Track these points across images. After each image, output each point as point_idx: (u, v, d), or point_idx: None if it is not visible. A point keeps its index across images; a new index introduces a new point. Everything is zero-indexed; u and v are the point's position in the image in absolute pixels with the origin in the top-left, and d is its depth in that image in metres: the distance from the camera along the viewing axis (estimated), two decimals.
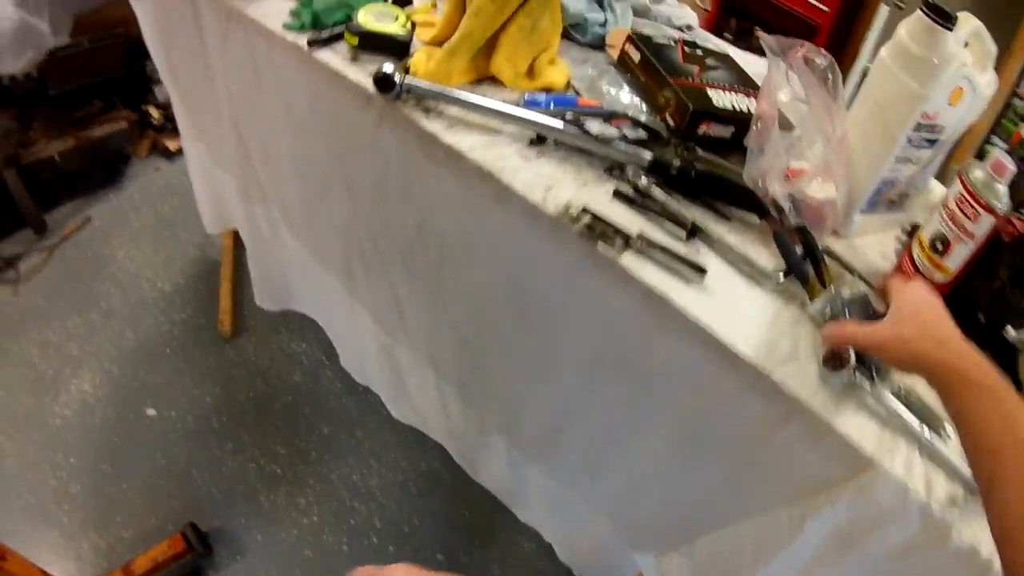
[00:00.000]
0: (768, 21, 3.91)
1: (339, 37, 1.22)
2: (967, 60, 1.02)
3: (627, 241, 0.97)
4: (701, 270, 0.95)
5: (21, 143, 2.26)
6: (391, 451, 1.88)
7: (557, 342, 1.14)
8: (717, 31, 4.16)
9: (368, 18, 1.22)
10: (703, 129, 1.12)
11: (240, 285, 2.18)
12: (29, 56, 2.09)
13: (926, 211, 1.08)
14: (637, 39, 1.22)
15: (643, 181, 1.05)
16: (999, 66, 1.15)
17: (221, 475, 1.81)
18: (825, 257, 1.01)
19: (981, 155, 3.72)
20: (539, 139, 1.10)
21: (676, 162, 1.05)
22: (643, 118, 1.14)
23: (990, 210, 0.96)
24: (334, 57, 1.21)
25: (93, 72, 2.38)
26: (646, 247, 0.96)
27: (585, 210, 1.00)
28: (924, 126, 1.05)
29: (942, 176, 1.26)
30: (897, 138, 1.06)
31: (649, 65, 1.18)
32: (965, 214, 0.99)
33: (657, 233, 1.01)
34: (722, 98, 1.15)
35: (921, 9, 1.00)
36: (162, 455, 1.83)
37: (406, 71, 1.13)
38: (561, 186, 1.04)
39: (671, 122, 1.13)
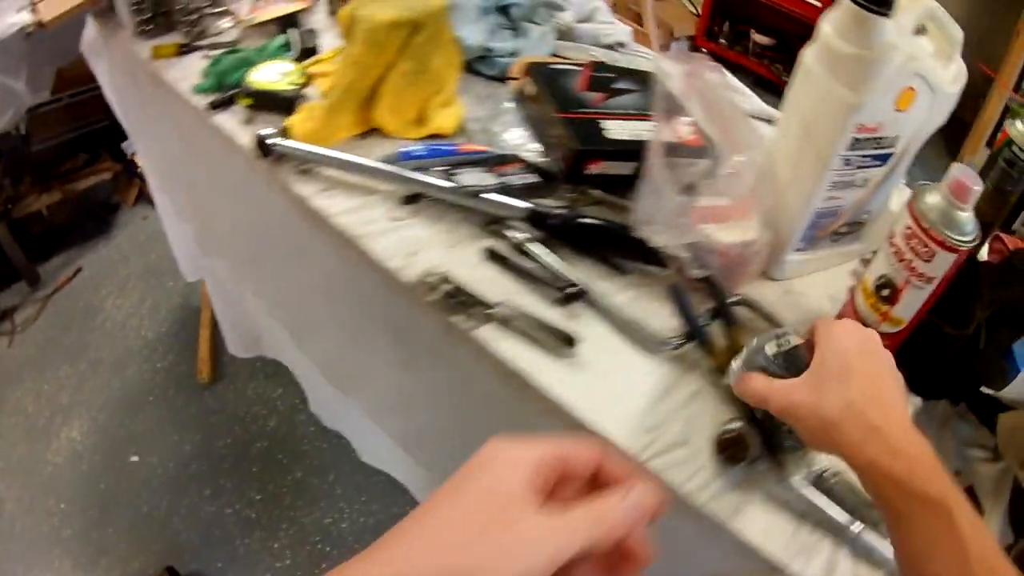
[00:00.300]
0: (763, 22, 3.75)
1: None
2: (919, 52, 0.84)
3: (488, 310, 0.90)
4: (569, 341, 0.86)
5: (11, 199, 2.30)
6: (362, 494, 1.89)
7: (448, 405, 1.08)
8: (710, 35, 4.06)
9: (259, 76, 1.17)
10: (593, 169, 1.00)
11: (219, 332, 2.19)
12: (8, 117, 2.12)
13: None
14: (533, 69, 1.11)
15: (520, 236, 0.97)
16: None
17: (199, 520, 1.86)
18: (753, 308, 0.91)
19: (991, 142, 3.49)
20: (413, 197, 1.03)
21: (556, 211, 0.97)
22: (536, 160, 1.06)
23: (949, 247, 0.78)
24: (230, 119, 1.17)
25: (76, 125, 2.41)
26: (510, 316, 0.89)
27: (444, 278, 0.93)
28: (864, 141, 0.88)
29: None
30: (829, 160, 0.89)
31: (542, 98, 1.07)
32: (916, 253, 0.80)
33: (529, 297, 0.93)
34: (621, 129, 1.02)
35: None
36: (145, 501, 1.90)
37: (284, 133, 1.08)
38: (429, 249, 0.97)
39: (560, 164, 1.03)
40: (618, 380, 0.84)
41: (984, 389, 0.86)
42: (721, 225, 0.89)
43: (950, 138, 3.86)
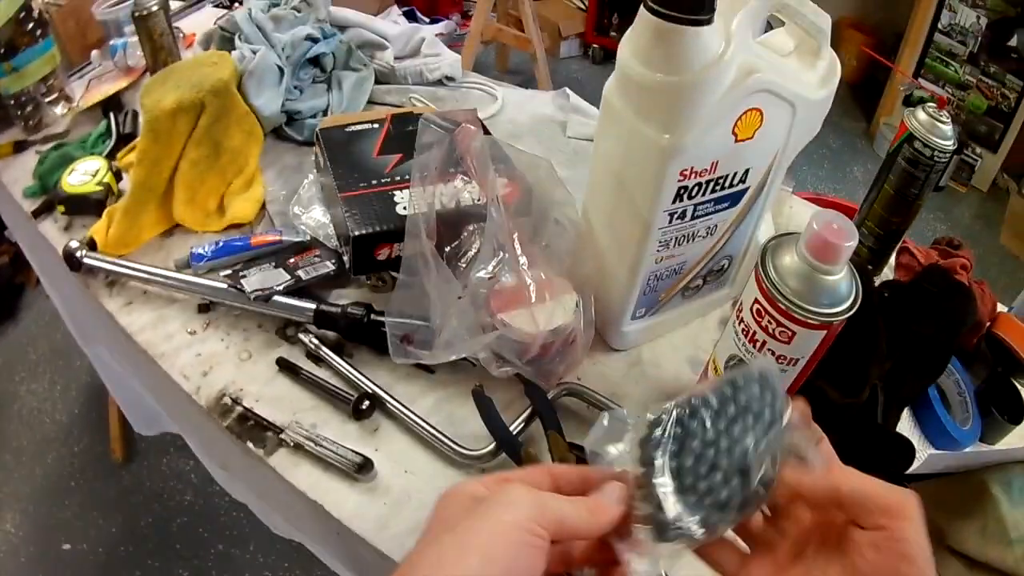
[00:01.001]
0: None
1: None
2: (760, 61, 0.67)
3: (280, 434, 0.83)
4: (364, 467, 0.78)
5: None
6: (284, 560, 1.86)
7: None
8: (600, 30, 3.96)
9: (72, 178, 1.09)
10: (384, 254, 0.90)
11: None
12: None
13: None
14: (323, 136, 1.00)
15: (311, 341, 0.90)
16: None
17: None
18: (581, 397, 0.81)
19: (910, 101, 3.36)
20: (207, 305, 0.96)
21: (346, 310, 0.89)
22: (333, 244, 0.98)
23: (814, 325, 0.62)
24: (52, 226, 1.10)
25: None
26: (301, 440, 0.81)
27: (235, 400, 0.86)
28: (694, 188, 0.72)
29: (871, 131, 0.95)
30: (650, 219, 0.73)
31: (328, 173, 0.96)
32: (770, 333, 0.64)
33: (325, 411, 0.86)
34: (417, 200, 0.87)
35: (645, 5, 0.63)
36: None
37: (90, 243, 1.00)
38: (222, 364, 0.90)
39: (346, 252, 0.93)
40: (423, 503, 0.77)
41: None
42: (522, 311, 0.77)
43: (863, 96, 3.75)
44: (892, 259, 1.08)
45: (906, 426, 0.89)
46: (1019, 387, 0.94)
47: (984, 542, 0.72)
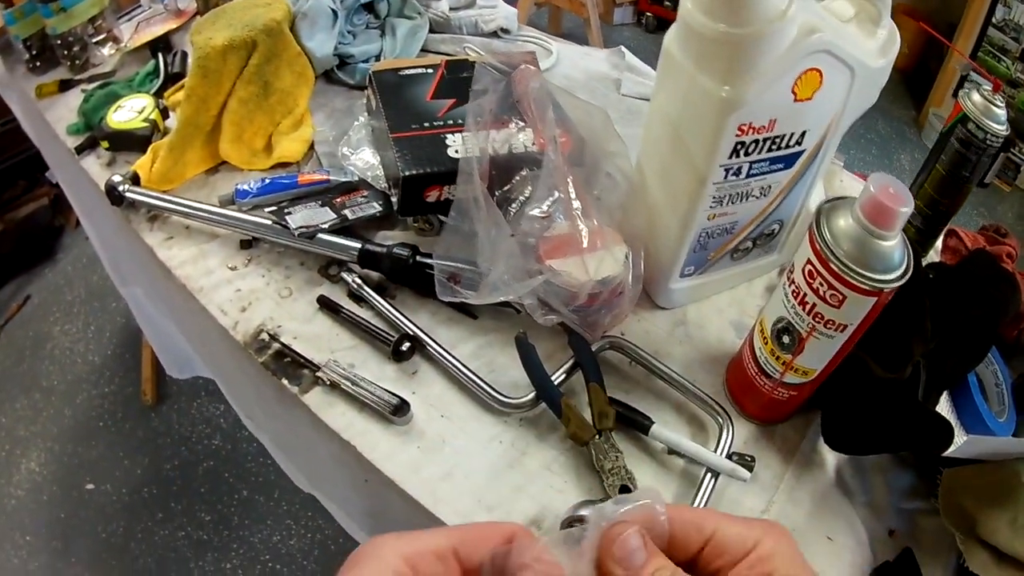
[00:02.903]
0: None
1: None
2: (822, 21, 0.66)
3: (316, 373, 0.82)
4: (400, 408, 0.77)
5: None
6: (308, 510, 1.87)
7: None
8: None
9: (117, 115, 1.09)
10: (433, 196, 0.89)
11: None
12: None
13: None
14: (376, 78, 0.99)
15: (353, 281, 0.89)
16: None
17: (154, 545, 1.84)
18: (625, 352, 0.79)
19: (959, 90, 3.27)
20: (249, 242, 0.95)
21: (391, 250, 0.88)
22: (381, 186, 0.97)
23: (866, 291, 0.61)
24: (95, 163, 1.10)
25: (9, 154, 2.35)
26: (338, 379, 0.81)
27: (274, 336, 0.85)
28: (753, 144, 0.71)
29: (920, 121, 0.93)
30: (706, 173, 0.72)
31: (380, 115, 0.95)
32: (820, 296, 0.63)
33: (364, 351, 0.85)
34: (468, 144, 0.88)
35: None
36: (103, 528, 1.88)
37: (133, 178, 1.00)
38: (262, 301, 0.90)
39: (396, 193, 0.92)
40: (457, 449, 0.76)
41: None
42: (572, 259, 0.76)
43: (914, 85, 3.67)
44: (939, 243, 1.06)
45: (943, 411, 0.87)
46: None
47: (1014, 535, 0.68)
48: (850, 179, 1.14)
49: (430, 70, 1.02)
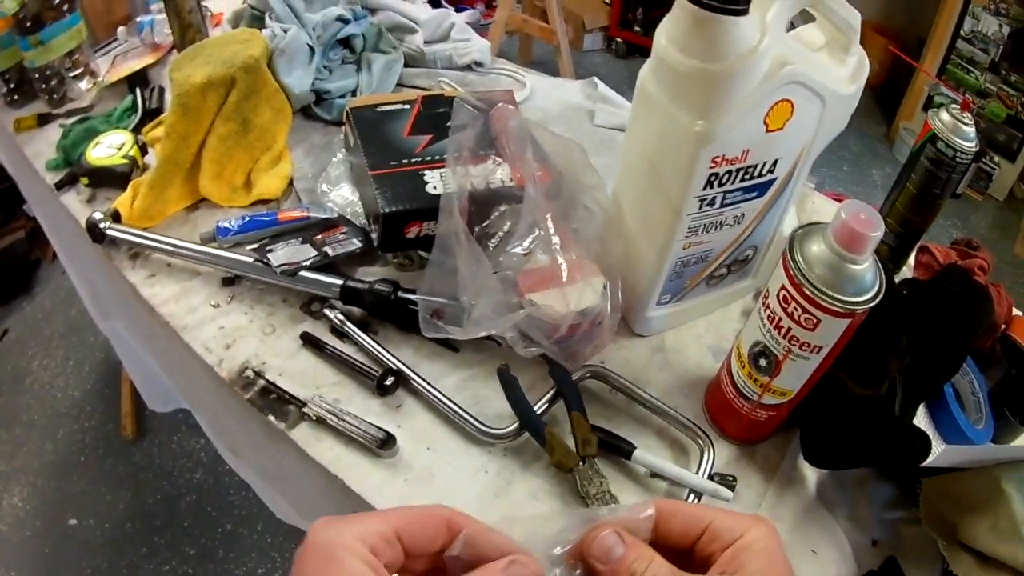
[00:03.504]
0: None
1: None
2: (794, 54, 0.68)
3: (303, 408, 0.83)
4: (387, 442, 0.78)
5: None
6: (292, 542, 1.86)
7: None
8: (624, 24, 3.97)
9: (96, 151, 1.09)
10: (412, 232, 0.90)
11: None
12: None
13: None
14: (353, 115, 1.00)
15: (336, 317, 0.90)
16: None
17: None
18: (605, 381, 0.81)
19: (930, 106, 3.34)
20: (232, 279, 0.96)
21: (373, 286, 0.89)
22: (361, 222, 0.98)
23: (840, 313, 0.63)
24: (75, 199, 1.10)
25: None
26: (323, 414, 0.81)
27: (258, 373, 0.86)
28: (724, 175, 0.73)
29: (890, 135, 0.96)
30: (681, 204, 0.74)
31: (358, 151, 0.96)
32: (795, 320, 0.65)
33: (349, 387, 0.86)
34: (448, 178, 0.90)
35: None
36: (87, 564, 1.86)
37: (114, 215, 1.01)
38: (246, 338, 0.90)
39: (375, 229, 0.93)
40: (444, 481, 0.77)
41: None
42: (552, 292, 0.77)
43: (884, 100, 3.73)
44: (911, 259, 1.08)
45: (920, 423, 0.89)
46: None
47: (996, 539, 0.70)
48: (822, 200, 1.17)
49: (406, 106, 1.03)
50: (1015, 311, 1.02)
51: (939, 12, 3.34)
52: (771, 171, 0.78)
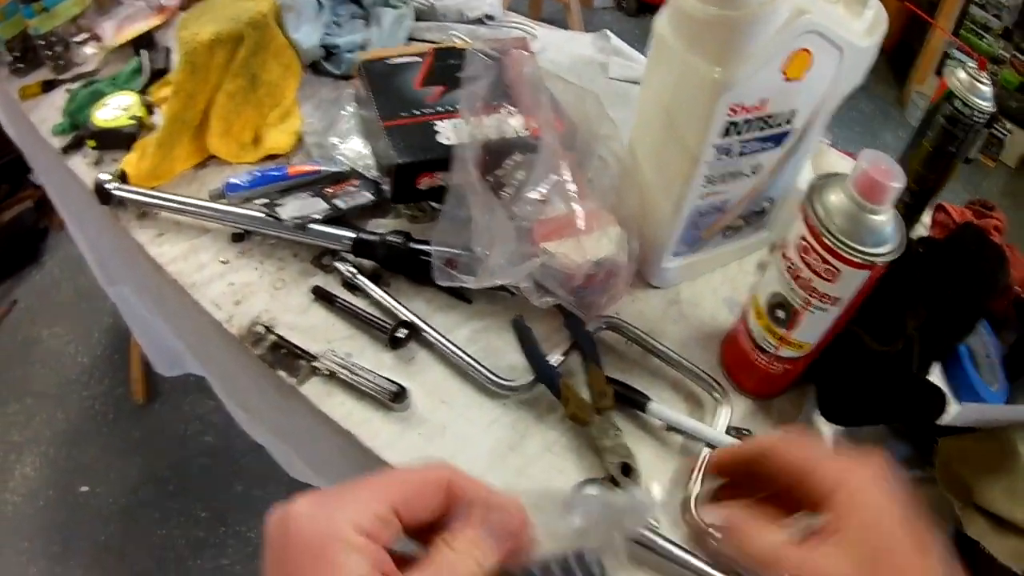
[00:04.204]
0: None
1: None
2: (813, 3, 0.67)
3: (313, 363, 0.82)
4: (399, 395, 0.77)
5: None
6: None
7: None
8: None
9: (102, 113, 1.08)
10: (425, 183, 0.89)
11: None
12: None
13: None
14: (365, 67, 0.99)
15: (347, 270, 0.89)
16: None
17: (152, 545, 1.85)
18: (621, 332, 0.80)
19: (942, 70, 3.29)
20: (241, 235, 0.95)
21: (384, 238, 0.88)
22: (373, 175, 0.97)
23: (859, 264, 0.62)
24: (82, 162, 1.08)
25: None
26: (336, 368, 0.81)
27: (269, 328, 0.85)
28: (744, 123, 0.72)
29: (902, 99, 0.94)
30: (699, 153, 0.73)
31: (370, 103, 0.95)
32: (814, 271, 0.64)
33: (361, 341, 0.85)
34: (459, 130, 0.89)
35: None
36: (100, 531, 1.88)
37: (121, 176, 1.00)
38: (256, 294, 0.89)
39: (388, 180, 0.92)
40: (457, 435, 0.76)
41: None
42: (568, 241, 0.77)
43: (896, 63, 3.68)
44: (927, 218, 1.07)
45: (935, 382, 0.88)
46: None
47: (1011, 502, 0.69)
48: (837, 156, 1.15)
49: (418, 58, 1.02)
50: None
51: None
52: (788, 122, 0.77)
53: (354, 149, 0.99)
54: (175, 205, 0.95)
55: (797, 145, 0.81)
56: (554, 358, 0.79)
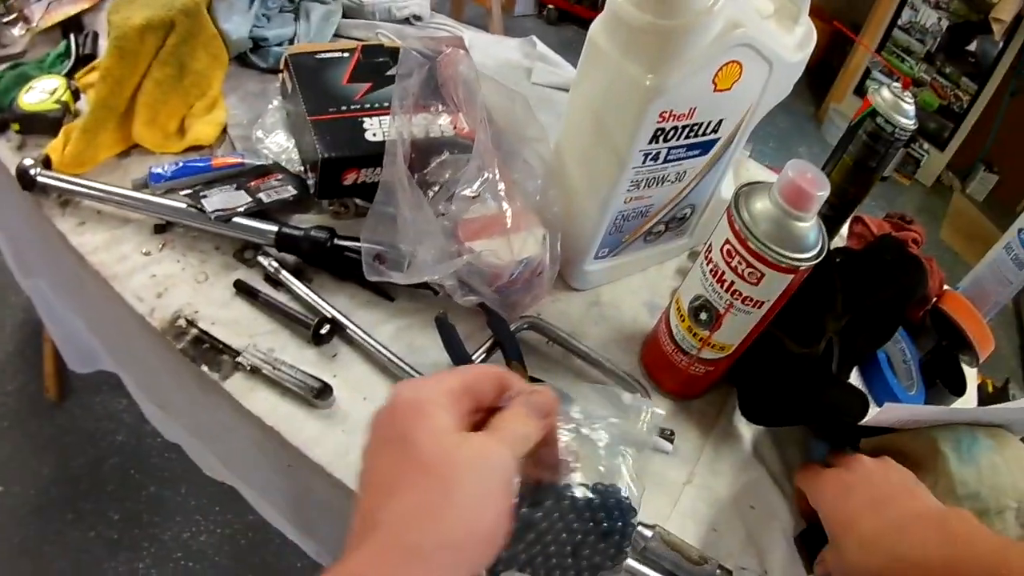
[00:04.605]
0: None
1: None
2: (745, 16, 0.69)
3: (236, 358, 0.81)
4: (323, 392, 0.77)
5: None
6: (216, 504, 1.85)
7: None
8: None
9: (28, 96, 1.04)
10: (350, 179, 0.89)
11: None
12: None
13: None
14: (292, 61, 0.98)
15: (270, 264, 0.88)
16: None
17: (67, 547, 1.78)
18: (543, 332, 0.81)
19: (861, 90, 3.43)
20: (164, 226, 0.93)
21: (308, 233, 0.87)
22: (297, 170, 0.96)
23: (784, 268, 0.65)
24: (5, 146, 1.04)
25: None
26: (258, 364, 0.80)
27: (190, 322, 0.84)
28: (672, 130, 0.74)
29: (819, 116, 0.98)
30: (627, 157, 0.75)
31: (297, 98, 0.94)
32: (739, 274, 0.67)
33: (283, 336, 0.84)
34: (385, 127, 0.90)
35: None
36: (16, 532, 1.81)
37: (45, 161, 0.97)
38: (178, 286, 0.88)
39: (313, 176, 0.91)
40: None
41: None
42: (495, 240, 0.78)
43: (816, 82, 3.81)
44: (845, 230, 1.11)
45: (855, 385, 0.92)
46: (962, 362, 0.98)
47: (936, 497, 0.71)
48: (756, 167, 1.19)
49: (346, 54, 1.01)
50: (945, 286, 1.05)
51: (877, 1, 3.43)
52: (715, 131, 0.80)
53: (279, 143, 0.98)
54: (98, 193, 0.93)
55: (722, 154, 0.84)
56: (477, 356, 0.80)
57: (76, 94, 1.07)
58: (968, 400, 0.98)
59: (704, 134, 0.78)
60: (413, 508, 0.38)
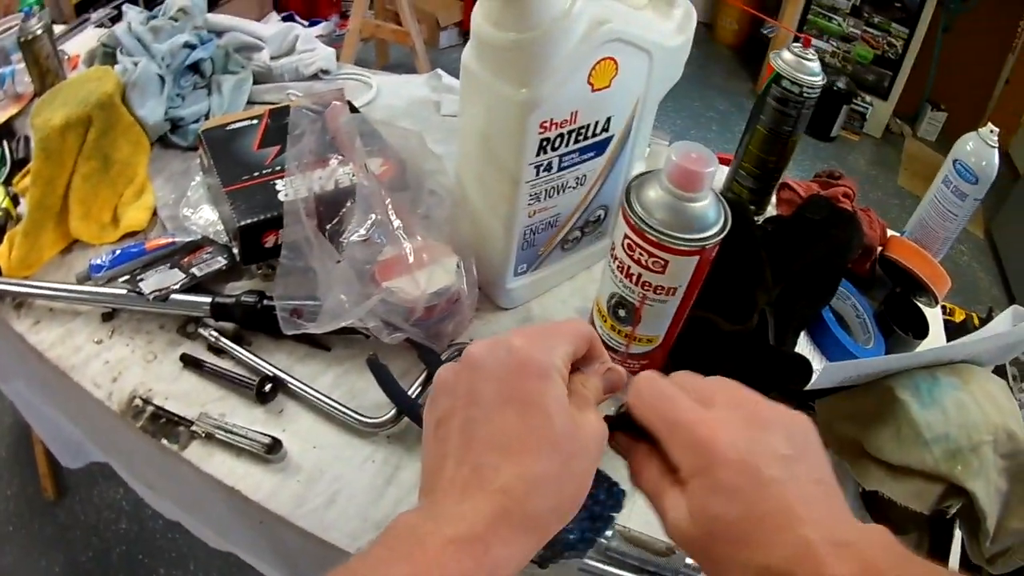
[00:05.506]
0: None
1: None
2: (610, 11, 0.70)
3: (191, 427, 0.85)
4: (274, 447, 0.81)
5: None
6: (226, 575, 1.86)
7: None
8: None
9: None
10: (271, 241, 0.92)
11: None
12: None
13: None
14: (205, 136, 1.03)
15: (210, 335, 0.92)
16: None
17: None
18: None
19: None
20: (110, 313, 0.97)
21: (238, 299, 0.91)
22: (223, 240, 1.00)
23: (686, 252, 0.65)
24: None
25: None
26: (211, 430, 0.84)
27: (146, 400, 0.88)
28: (556, 139, 0.75)
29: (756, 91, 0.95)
30: (517, 174, 0.76)
31: (212, 170, 0.98)
32: (644, 266, 0.67)
33: (232, 400, 0.88)
34: (296, 184, 0.89)
35: None
36: None
37: None
38: (130, 369, 0.92)
39: (235, 243, 0.96)
40: (334, 476, 0.80)
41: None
42: (403, 277, 0.81)
43: (748, 58, 3.85)
44: (773, 196, 1.12)
45: (805, 351, 0.93)
46: (921, 305, 0.99)
47: (900, 446, 0.73)
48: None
49: (255, 121, 1.07)
50: (890, 232, 1.07)
51: None
52: (605, 129, 0.81)
53: (205, 217, 1.03)
54: (47, 292, 0.98)
55: (620, 150, 0.86)
56: (413, 391, 0.84)
57: (15, 199, 1.11)
58: (934, 341, 0.98)
59: (595, 135, 0.79)
60: (539, 478, 0.40)
